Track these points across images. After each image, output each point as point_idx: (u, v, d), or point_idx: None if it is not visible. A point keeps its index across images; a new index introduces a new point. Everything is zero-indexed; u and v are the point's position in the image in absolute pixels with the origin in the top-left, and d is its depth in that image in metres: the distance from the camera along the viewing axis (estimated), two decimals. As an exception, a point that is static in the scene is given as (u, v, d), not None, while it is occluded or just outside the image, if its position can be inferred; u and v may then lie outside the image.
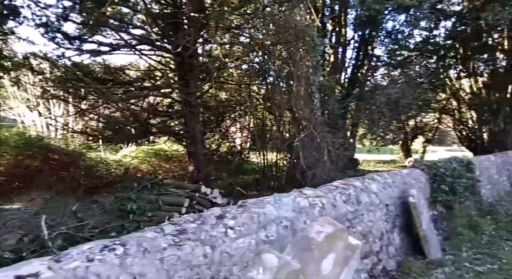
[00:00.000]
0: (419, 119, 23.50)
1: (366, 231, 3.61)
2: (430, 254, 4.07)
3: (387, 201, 4.12)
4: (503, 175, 9.28)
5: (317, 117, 8.32)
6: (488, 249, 4.69)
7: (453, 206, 5.41)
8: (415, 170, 5.23)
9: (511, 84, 13.38)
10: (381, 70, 15.40)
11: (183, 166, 12.41)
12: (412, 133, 23.98)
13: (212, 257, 1.95)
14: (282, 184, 9.25)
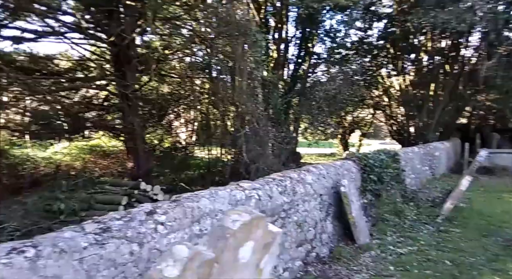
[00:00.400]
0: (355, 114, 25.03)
1: (301, 220, 3.77)
2: (359, 239, 4.39)
3: (321, 191, 4.34)
4: (425, 165, 10.29)
5: (260, 112, 8.45)
6: (410, 233, 5.19)
7: (380, 194, 5.87)
8: (348, 161, 5.57)
9: (434, 83, 14.86)
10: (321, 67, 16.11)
11: (122, 162, 11.82)
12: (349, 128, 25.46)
13: (140, 254, 1.89)
14: (226, 179, 9.26)
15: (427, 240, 4.88)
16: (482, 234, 5.34)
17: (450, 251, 4.49)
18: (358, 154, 5.76)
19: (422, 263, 4.01)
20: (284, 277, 3.27)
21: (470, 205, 7.36)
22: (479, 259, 4.24)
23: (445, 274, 3.72)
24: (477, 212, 6.69)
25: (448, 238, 5.03)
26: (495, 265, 4.03)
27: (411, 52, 15.42)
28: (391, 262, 4.03)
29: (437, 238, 5.01)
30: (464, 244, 4.81)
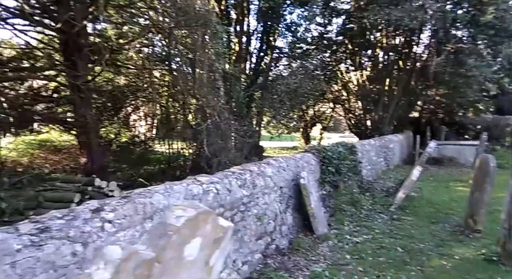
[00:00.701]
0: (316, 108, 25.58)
1: (261, 213, 3.76)
2: (318, 230, 4.48)
3: (281, 184, 4.36)
4: (380, 157, 10.76)
5: (222, 105, 8.34)
6: (365, 222, 5.39)
7: (338, 185, 6.04)
8: (307, 154, 5.65)
9: (389, 78, 15.55)
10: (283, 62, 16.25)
11: (74, 157, 11.16)
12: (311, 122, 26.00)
13: (84, 254, 1.75)
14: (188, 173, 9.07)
15: (381, 229, 5.09)
16: (431, 221, 5.68)
17: (402, 238, 4.73)
18: (317, 146, 5.87)
19: (376, 251, 4.18)
20: (243, 271, 3.24)
21: (421, 194, 7.80)
22: (427, 245, 4.50)
23: (397, 261, 3.90)
24: (427, 200, 7.11)
25: (400, 226, 5.30)
26: (442, 250, 4.30)
27: (368, 48, 15.98)
28: (348, 251, 4.16)
29: (390, 226, 5.25)
30: (414, 231, 5.08)
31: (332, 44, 16.99)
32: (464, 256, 4.11)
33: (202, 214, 1.17)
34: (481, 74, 11.48)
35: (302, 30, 14.57)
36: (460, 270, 3.67)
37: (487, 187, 4.86)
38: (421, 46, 14.65)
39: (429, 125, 20.46)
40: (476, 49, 11.90)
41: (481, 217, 4.92)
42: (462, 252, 4.24)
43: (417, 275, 3.55)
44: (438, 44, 11.73)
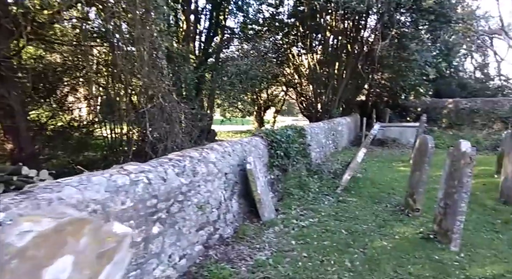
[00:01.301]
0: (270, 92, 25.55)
1: (203, 202, 3.51)
2: (264, 216, 4.35)
3: (226, 170, 4.13)
4: (329, 139, 10.97)
5: (166, 86, 7.81)
6: (313, 205, 5.39)
7: (287, 169, 5.97)
8: (255, 137, 5.47)
9: (338, 62, 15.83)
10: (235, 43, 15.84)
11: (0, 144, 9.96)
12: (264, 105, 25.96)
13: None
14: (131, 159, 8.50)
15: (327, 211, 5.12)
16: (374, 201, 5.85)
17: (347, 220, 4.78)
18: (265, 130, 5.71)
19: (322, 235, 4.16)
20: (180, 265, 3.00)
21: (366, 174, 8.06)
22: (370, 226, 4.59)
23: (341, 243, 3.90)
24: (371, 181, 7.35)
25: (346, 208, 5.37)
26: (384, 230, 4.40)
27: (319, 32, 16.07)
28: (293, 236, 4.09)
29: (336, 208, 5.30)
30: (359, 212, 5.18)
31: (284, 27, 16.85)
32: (404, 236, 4.24)
33: (72, 224, 0.90)
34: (421, 58, 12.05)
35: (253, 11, 14.20)
36: (400, 250, 3.76)
37: (425, 167, 5.05)
38: (368, 31, 15.01)
39: (375, 108, 21.45)
40: (418, 34, 12.43)
41: (420, 196, 5.13)
42: (402, 232, 4.38)
43: (360, 257, 3.57)
44: (383, 29, 12.04)
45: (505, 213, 5.25)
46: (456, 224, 3.93)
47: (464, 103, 21.23)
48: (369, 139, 6.67)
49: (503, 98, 20.60)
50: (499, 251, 3.82)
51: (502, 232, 4.48)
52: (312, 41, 16.23)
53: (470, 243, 4.02)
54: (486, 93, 23.48)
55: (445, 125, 21.46)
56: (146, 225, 2.61)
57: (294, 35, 17.08)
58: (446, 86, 24.51)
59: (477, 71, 29.10)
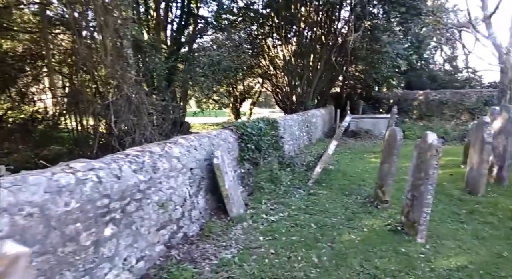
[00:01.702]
0: (246, 83, 25.31)
1: (164, 200, 3.32)
2: (232, 211, 4.22)
3: (192, 164, 3.95)
4: (303, 131, 10.94)
5: (132, 76, 7.46)
6: (283, 199, 5.31)
7: (258, 162, 5.85)
8: (225, 130, 5.29)
9: (312, 53, 15.79)
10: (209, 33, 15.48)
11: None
12: (240, 97, 25.72)
13: None
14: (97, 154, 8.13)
15: (297, 205, 5.05)
16: (345, 193, 5.85)
17: (316, 214, 4.73)
18: (236, 122, 5.55)
19: (290, 229, 4.08)
20: (138, 268, 2.82)
21: (338, 166, 8.10)
22: (339, 219, 4.56)
23: (309, 238, 3.83)
24: (342, 172, 7.37)
25: (316, 201, 5.33)
26: (353, 223, 4.38)
27: (294, 23, 15.94)
28: (262, 231, 3.99)
29: (307, 202, 5.24)
30: (329, 205, 5.15)
31: (259, 17, 16.59)
32: (372, 228, 4.23)
33: None
34: (393, 50, 12.19)
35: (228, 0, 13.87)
36: (367, 244, 3.74)
37: (394, 159, 5.06)
38: (342, 23, 15.03)
39: (349, 100, 21.72)
40: (390, 26, 12.56)
41: (389, 187, 5.16)
42: (371, 224, 4.37)
43: (327, 252, 3.52)
44: (356, 20, 12.06)
45: (470, 203, 5.38)
46: (422, 216, 3.95)
47: (434, 95, 21.89)
48: (340, 131, 6.65)
49: (470, 90, 21.38)
50: (463, 242, 3.88)
51: (466, 222, 4.57)
52: (287, 32, 16.10)
53: (436, 234, 4.06)
54: (455, 85, 24.31)
55: (416, 117, 22.07)
56: (96, 227, 2.41)
57: (270, 26, 16.87)
58: (417, 78, 25.17)
59: (446, 64, 30.08)
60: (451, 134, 14.38)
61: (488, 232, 4.21)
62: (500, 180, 6.55)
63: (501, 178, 6.53)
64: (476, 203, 5.40)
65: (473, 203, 5.41)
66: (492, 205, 5.26)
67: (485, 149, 5.65)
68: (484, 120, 5.73)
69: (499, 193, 5.96)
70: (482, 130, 5.73)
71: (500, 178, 6.55)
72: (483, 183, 5.79)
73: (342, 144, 13.24)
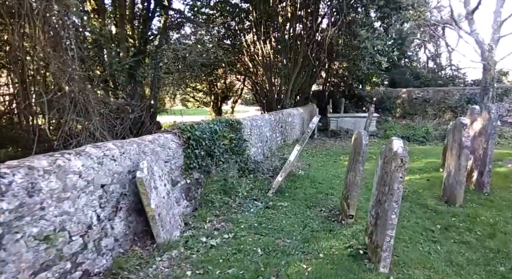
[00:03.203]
0: (229, 81, 24.50)
1: (50, 230, 2.55)
2: (160, 236, 3.46)
3: (105, 180, 3.18)
4: (276, 132, 10.23)
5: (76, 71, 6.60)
6: (235, 214, 4.59)
7: (210, 171, 5.11)
8: (165, 134, 4.52)
9: (292, 50, 15.09)
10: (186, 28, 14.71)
11: None
12: (222, 95, 24.90)
13: None
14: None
15: (249, 222, 4.33)
16: (308, 205, 5.17)
17: (268, 234, 4.02)
18: (181, 125, 4.79)
19: (230, 258, 3.35)
20: None
21: (308, 171, 7.43)
22: (294, 240, 3.87)
23: (250, 271, 3.12)
24: (311, 178, 6.70)
25: (273, 216, 4.63)
26: (307, 246, 3.68)
27: (272, 18, 15.22)
28: (194, 262, 3.25)
29: (261, 217, 4.53)
30: (286, 221, 4.45)
31: (238, 11, 15.82)
32: (330, 253, 3.55)
33: None
34: (372, 46, 11.58)
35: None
36: (319, 276, 3.05)
37: (359, 167, 4.40)
38: (319, 17, 14.37)
39: (331, 98, 21.16)
40: (369, 21, 11.93)
41: (354, 200, 4.49)
42: (329, 247, 3.69)
43: (266, 292, 2.81)
44: (333, 15, 11.40)
45: (446, 216, 4.77)
46: (386, 240, 3.28)
47: (417, 93, 21.54)
48: (307, 134, 5.96)
49: (453, 88, 21.10)
50: (435, 271, 3.23)
51: (441, 242, 3.94)
52: (267, 28, 15.36)
53: (404, 261, 3.41)
54: (438, 83, 24.05)
55: (399, 115, 21.70)
56: None
57: (250, 21, 16.10)
58: (401, 76, 24.82)
59: (430, 61, 29.86)
60: (432, 133, 13.92)
61: (465, 256, 3.58)
62: (480, 186, 5.98)
63: (481, 184, 5.96)
64: (453, 216, 4.79)
65: (450, 215, 4.81)
66: (471, 218, 4.66)
67: (463, 154, 5.04)
68: (461, 122, 5.12)
69: (478, 202, 5.38)
70: (459, 133, 5.12)
71: (480, 184, 5.99)
72: (461, 192, 5.19)
73: (320, 144, 12.63)
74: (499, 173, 7.28)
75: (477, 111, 6.10)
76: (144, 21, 12.04)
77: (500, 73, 24.06)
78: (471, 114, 6.28)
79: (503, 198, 5.58)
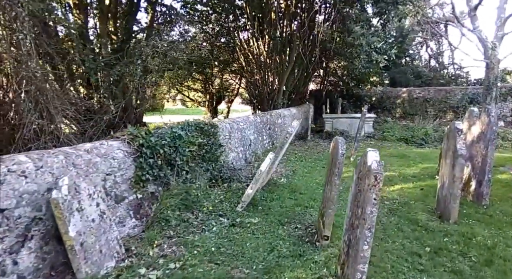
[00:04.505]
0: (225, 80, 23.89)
1: None
2: (81, 271, 2.84)
3: (6, 203, 2.58)
4: (263, 135, 9.59)
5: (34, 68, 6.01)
6: (192, 234, 3.96)
7: (169, 182, 4.49)
8: (110, 142, 3.90)
9: (285, 47, 14.45)
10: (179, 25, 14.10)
11: None
12: (218, 94, 24.29)
13: None
14: None
15: (207, 245, 3.70)
16: (282, 221, 4.54)
17: (226, 261, 3.40)
18: (133, 130, 4.18)
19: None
20: None
21: (291, 179, 6.82)
22: (254, 270, 3.24)
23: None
24: (292, 188, 6.08)
25: (237, 236, 4.00)
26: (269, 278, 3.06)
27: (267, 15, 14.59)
28: (117, 304, 2.64)
29: (223, 239, 3.91)
30: (250, 243, 3.82)
31: (234, 9, 15.22)
32: (292, 289, 2.92)
33: None
34: (368, 43, 10.91)
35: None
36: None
37: (335, 180, 3.77)
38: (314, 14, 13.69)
39: (329, 97, 20.48)
40: (364, 16, 11.26)
41: (329, 218, 3.86)
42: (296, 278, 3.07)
43: None
44: (326, 9, 10.74)
45: (438, 235, 4.13)
46: (356, 276, 2.66)
47: (418, 93, 20.82)
48: (285, 139, 5.34)
49: (455, 87, 20.36)
50: (417, 316, 2.60)
51: (428, 271, 3.31)
52: (260, 25, 14.72)
53: (380, 301, 2.77)
54: (440, 82, 23.33)
55: (399, 115, 20.99)
56: None
57: (245, 18, 15.47)
58: (402, 75, 24.09)
59: (432, 60, 29.05)
60: (432, 135, 13.22)
61: (456, 293, 2.95)
62: (478, 197, 5.34)
63: (480, 195, 5.32)
64: (446, 235, 4.16)
65: (442, 234, 4.17)
66: (466, 239, 4.02)
67: (457, 164, 4.39)
68: (456, 127, 4.47)
69: (476, 217, 4.73)
70: (454, 140, 4.47)
71: (478, 195, 5.34)
72: (456, 207, 4.54)
73: (313, 147, 11.99)
74: (500, 180, 6.63)
75: (475, 114, 5.44)
76: (127, 17, 11.44)
77: (504, 72, 23.29)
78: (469, 117, 5.63)
79: (504, 212, 4.93)
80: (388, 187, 6.31)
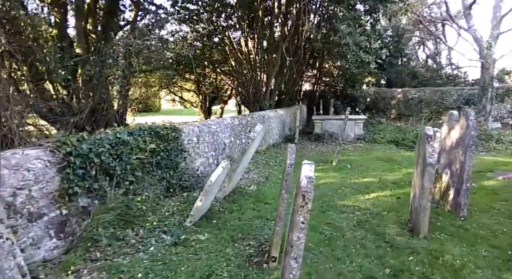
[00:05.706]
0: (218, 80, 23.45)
1: None
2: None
3: None
4: (242, 138, 9.12)
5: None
6: (123, 256, 3.47)
7: (106, 195, 4.03)
8: (27, 151, 3.44)
9: (272, 47, 13.97)
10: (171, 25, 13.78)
11: None
12: (211, 95, 23.88)
13: None
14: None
15: (134, 270, 3.23)
16: (235, 238, 4.07)
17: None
18: (59, 136, 3.74)
19: None
20: None
21: (262, 185, 6.37)
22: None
23: None
24: (259, 197, 5.61)
25: (175, 258, 3.52)
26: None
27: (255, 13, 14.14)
28: None
29: (156, 261, 3.43)
30: (188, 266, 3.33)
31: (226, 7, 14.76)
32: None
33: None
34: (354, 43, 10.44)
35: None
36: None
37: (283, 194, 3.30)
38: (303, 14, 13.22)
39: (322, 98, 20.01)
40: (351, 15, 10.78)
41: (277, 238, 3.39)
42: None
43: None
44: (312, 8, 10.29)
45: (403, 254, 3.65)
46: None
47: (413, 93, 20.30)
48: (248, 147, 4.88)
49: (451, 88, 19.85)
50: None
51: (382, 303, 2.83)
52: (249, 24, 14.27)
53: None
54: (437, 83, 22.79)
55: (394, 116, 20.50)
56: None
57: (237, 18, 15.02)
58: (397, 76, 23.56)
59: (429, 60, 28.50)
60: (423, 137, 12.71)
61: None
62: (456, 207, 4.85)
63: (457, 206, 4.83)
64: (412, 252, 3.69)
65: (408, 252, 3.70)
66: (432, 258, 3.55)
67: (426, 173, 3.91)
68: (425, 132, 4.00)
69: (450, 231, 4.25)
70: (423, 147, 4.00)
71: (456, 205, 4.86)
72: (426, 220, 4.06)
73: (299, 150, 11.49)
74: (485, 187, 6.15)
75: (455, 118, 4.97)
76: (107, 15, 11.01)
77: (503, 73, 22.74)
78: (448, 121, 5.15)
79: (482, 225, 4.44)
80: (363, 195, 5.84)
